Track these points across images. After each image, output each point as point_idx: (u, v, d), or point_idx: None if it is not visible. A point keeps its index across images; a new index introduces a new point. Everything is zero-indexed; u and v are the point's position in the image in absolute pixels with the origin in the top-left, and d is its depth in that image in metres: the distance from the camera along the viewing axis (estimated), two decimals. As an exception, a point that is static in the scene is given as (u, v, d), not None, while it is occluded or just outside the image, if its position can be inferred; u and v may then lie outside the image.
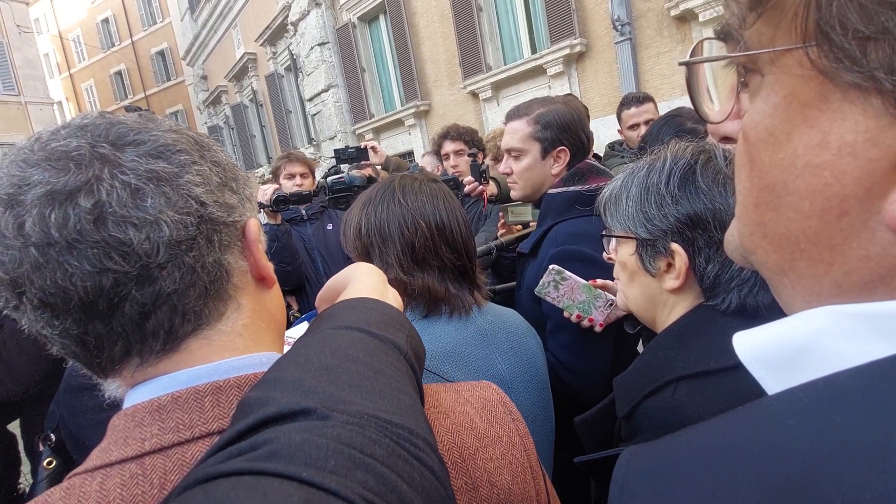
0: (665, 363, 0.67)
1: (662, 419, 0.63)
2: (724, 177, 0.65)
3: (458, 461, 0.47)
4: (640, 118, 2.46)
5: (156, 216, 0.38)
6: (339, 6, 8.84)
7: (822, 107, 0.22)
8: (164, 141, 0.41)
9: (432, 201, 0.86)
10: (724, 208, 0.65)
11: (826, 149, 0.22)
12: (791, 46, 0.22)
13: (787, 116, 0.24)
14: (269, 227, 2.14)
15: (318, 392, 0.34)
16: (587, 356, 1.11)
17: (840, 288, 0.24)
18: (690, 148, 0.70)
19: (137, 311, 0.38)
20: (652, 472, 0.25)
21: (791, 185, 0.24)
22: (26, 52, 14.79)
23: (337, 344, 0.40)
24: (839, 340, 0.23)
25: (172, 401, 0.39)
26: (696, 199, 0.66)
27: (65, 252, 0.36)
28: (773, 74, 0.24)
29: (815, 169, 0.23)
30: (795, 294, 0.27)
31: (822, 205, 0.23)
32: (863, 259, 0.23)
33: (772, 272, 0.28)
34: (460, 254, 0.87)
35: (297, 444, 0.29)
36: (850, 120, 0.21)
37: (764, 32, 0.23)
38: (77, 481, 0.37)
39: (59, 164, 0.37)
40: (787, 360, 0.24)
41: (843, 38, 0.20)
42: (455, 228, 0.86)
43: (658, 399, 0.65)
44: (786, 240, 0.25)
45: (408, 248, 0.84)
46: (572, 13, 5.79)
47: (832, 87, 0.21)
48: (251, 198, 0.47)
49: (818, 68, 0.21)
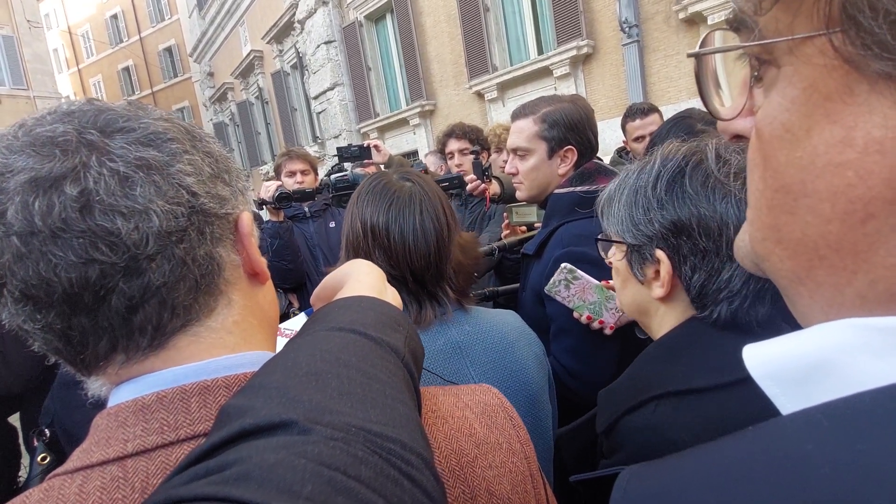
0: (650, 378, 0.64)
1: (641, 438, 0.60)
2: (714, 181, 0.62)
3: (456, 469, 0.46)
4: (644, 130, 2.44)
5: (145, 205, 0.36)
6: (346, 5, 8.86)
7: (846, 100, 0.20)
8: (155, 129, 0.39)
9: (383, 202, 0.81)
10: (710, 215, 0.62)
11: (850, 146, 0.20)
12: (813, 33, 0.20)
13: (806, 111, 0.22)
14: (272, 224, 2.13)
15: (304, 401, 0.32)
16: (592, 361, 1.08)
17: (864, 299, 0.22)
18: (683, 149, 0.66)
19: (124, 304, 0.37)
20: (654, 494, 0.23)
21: (810, 185, 0.22)
22: (35, 47, 14.91)
23: (328, 347, 0.38)
24: (862, 357, 0.21)
25: (157, 400, 0.38)
26: (681, 205, 0.63)
27: (48, 242, 0.34)
28: (792, 65, 0.22)
29: (837, 168, 0.21)
30: (813, 304, 0.25)
31: (846, 207, 0.21)
32: (891, 268, 0.21)
33: (787, 280, 0.26)
34: (397, 264, 0.79)
35: (270, 466, 0.27)
36: (879, 114, 0.19)
37: (781, 19, 0.22)
38: (56, 483, 0.36)
39: (44, 150, 0.35)
40: (803, 376, 0.23)
41: (874, 22, 0.18)
42: (403, 236, 0.79)
43: (638, 416, 0.62)
44: (803, 246, 0.24)
45: (350, 248, 0.82)
46: (579, 15, 5.77)
47: (858, 77, 0.20)
48: (244, 191, 0.46)
49: (843, 57, 0.19)
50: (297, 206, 2.32)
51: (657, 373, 0.64)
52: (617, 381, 0.71)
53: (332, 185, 1.84)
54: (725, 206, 0.61)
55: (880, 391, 0.19)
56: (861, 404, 0.19)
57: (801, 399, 0.22)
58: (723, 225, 0.61)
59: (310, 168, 2.46)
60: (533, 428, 0.83)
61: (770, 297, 0.61)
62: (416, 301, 0.82)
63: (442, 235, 0.82)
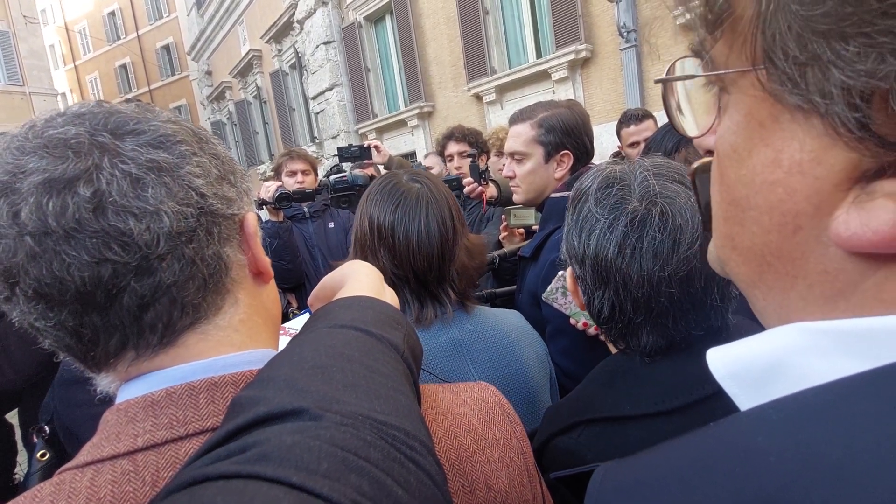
0: (586, 401, 0.65)
1: (563, 461, 0.61)
2: (589, 215, 0.61)
3: (456, 463, 0.47)
4: (639, 136, 2.46)
5: (156, 206, 0.37)
6: (346, 6, 8.85)
7: (774, 126, 0.23)
8: (164, 131, 0.40)
9: (390, 202, 0.82)
10: (578, 245, 0.62)
11: (779, 166, 0.23)
12: (744, 69, 0.23)
13: (747, 134, 0.24)
14: (271, 224, 2.14)
15: (312, 392, 0.33)
16: (586, 362, 1.09)
17: (805, 301, 0.24)
18: (604, 172, 0.65)
19: (136, 303, 0.38)
20: (626, 488, 0.25)
21: (752, 200, 0.25)
22: (32, 43, 14.80)
23: (332, 342, 0.39)
24: (809, 357, 0.23)
25: (166, 396, 0.39)
26: (575, 232, 0.63)
27: (62, 242, 0.35)
28: (735, 94, 0.25)
29: (770, 186, 0.23)
30: (767, 306, 0.27)
31: (779, 220, 0.24)
32: (821, 273, 0.23)
33: (744, 284, 0.29)
34: (401, 263, 0.80)
35: (287, 447, 0.28)
36: (798, 139, 0.22)
37: (723, 53, 0.24)
38: (67, 477, 0.37)
39: (57, 151, 0.36)
40: (760, 376, 0.25)
41: (785, 64, 0.21)
42: (407, 237, 0.80)
43: (564, 439, 0.63)
44: (752, 253, 0.26)
45: (358, 246, 0.84)
46: (578, 19, 5.80)
47: (781, 108, 0.22)
48: (248, 192, 0.47)
49: (767, 90, 0.22)
50: (296, 207, 2.33)
51: (595, 395, 0.65)
52: (563, 399, 0.72)
53: (331, 186, 1.85)
54: (589, 238, 0.61)
55: (822, 387, 0.21)
56: (805, 399, 0.21)
57: (758, 397, 0.23)
58: (584, 256, 0.62)
59: (310, 168, 2.47)
60: (531, 425, 0.85)
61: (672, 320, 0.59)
62: (417, 300, 0.84)
63: (446, 238, 0.83)
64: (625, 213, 0.59)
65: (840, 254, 0.22)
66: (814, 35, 0.19)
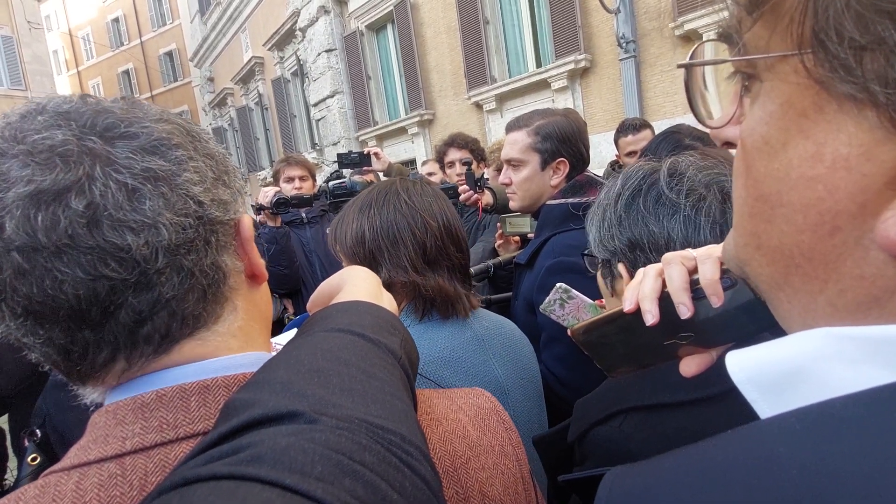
0: (621, 391, 0.65)
1: (606, 449, 0.62)
2: (665, 200, 0.66)
3: (450, 470, 0.46)
4: (636, 145, 2.47)
5: (154, 219, 0.35)
6: (348, 14, 8.94)
7: (817, 117, 0.21)
8: (158, 135, 0.38)
9: (437, 201, 0.87)
10: (659, 232, 0.65)
11: (820, 161, 0.21)
12: (787, 53, 0.21)
13: (782, 125, 0.22)
14: (269, 230, 2.14)
15: (308, 395, 0.33)
16: (581, 369, 1.09)
17: (834, 307, 0.23)
18: (645, 168, 0.70)
19: (132, 318, 0.36)
20: (637, 493, 0.24)
21: (785, 196, 0.23)
22: (35, 48, 14.89)
23: (329, 346, 0.39)
24: (835, 365, 0.22)
25: (157, 399, 0.38)
26: (635, 223, 0.67)
27: (53, 258, 0.33)
28: (771, 81, 0.23)
29: (808, 182, 0.22)
30: (791, 310, 0.26)
31: (815, 220, 0.22)
32: (857, 278, 0.22)
33: (767, 286, 0.27)
34: (465, 253, 0.87)
35: (282, 449, 0.28)
36: (845, 132, 0.20)
37: (761, 36, 0.22)
38: (52, 479, 0.36)
39: (42, 157, 0.33)
40: (781, 382, 0.24)
41: (839, 47, 0.19)
42: (459, 228, 0.88)
43: (605, 428, 0.63)
44: (780, 253, 0.24)
45: (420, 248, 0.82)
46: (578, 29, 5.86)
47: (828, 97, 0.20)
48: (242, 191, 0.46)
49: (814, 77, 0.20)
50: (294, 212, 2.33)
51: (630, 386, 0.65)
52: (593, 392, 0.72)
53: (330, 192, 1.85)
54: (673, 223, 0.64)
55: (850, 397, 0.20)
56: (831, 409, 0.20)
57: (779, 404, 0.22)
58: (669, 241, 0.63)
59: (308, 174, 2.47)
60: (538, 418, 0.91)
61: None
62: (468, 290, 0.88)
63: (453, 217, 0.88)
64: (702, 198, 0.63)
65: (882, 258, 0.20)
66: (878, 15, 0.17)
